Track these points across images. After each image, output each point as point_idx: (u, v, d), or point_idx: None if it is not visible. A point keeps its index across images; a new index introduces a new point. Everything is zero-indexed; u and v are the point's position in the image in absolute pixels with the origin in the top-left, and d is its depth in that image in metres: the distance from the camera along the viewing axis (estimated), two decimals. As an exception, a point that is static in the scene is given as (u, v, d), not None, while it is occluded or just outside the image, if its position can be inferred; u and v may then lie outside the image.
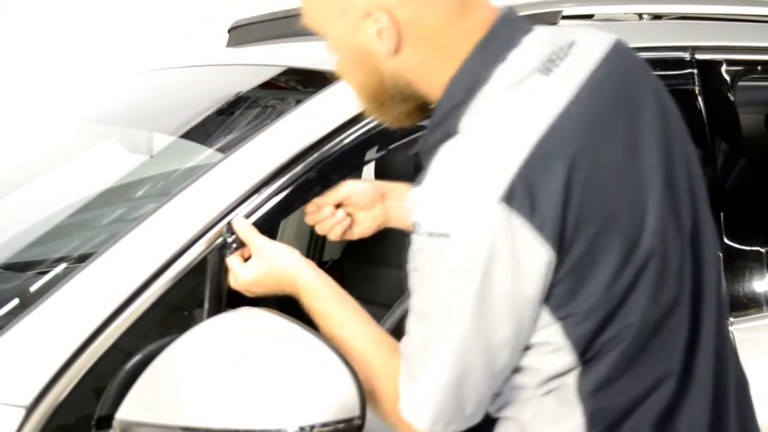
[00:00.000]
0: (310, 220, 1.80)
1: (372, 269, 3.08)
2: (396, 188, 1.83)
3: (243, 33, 2.73)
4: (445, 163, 1.28)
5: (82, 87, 3.90)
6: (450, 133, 1.33)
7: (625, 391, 1.33)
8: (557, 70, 1.32)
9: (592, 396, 1.32)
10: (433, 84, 1.37)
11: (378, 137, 1.81)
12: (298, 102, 1.85)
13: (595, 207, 1.26)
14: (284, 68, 2.16)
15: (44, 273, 1.91)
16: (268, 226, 1.69)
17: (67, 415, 1.48)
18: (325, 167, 1.75)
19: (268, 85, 2.15)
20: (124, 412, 1.46)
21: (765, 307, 2.08)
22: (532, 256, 1.23)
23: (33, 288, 1.87)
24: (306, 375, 1.41)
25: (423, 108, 1.44)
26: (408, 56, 1.36)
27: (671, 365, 1.36)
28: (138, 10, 4.67)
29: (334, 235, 1.81)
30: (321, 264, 3.37)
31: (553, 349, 1.31)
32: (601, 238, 1.26)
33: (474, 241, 1.23)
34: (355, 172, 3.14)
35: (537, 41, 1.36)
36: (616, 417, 1.34)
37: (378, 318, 2.63)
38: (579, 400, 1.32)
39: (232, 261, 1.61)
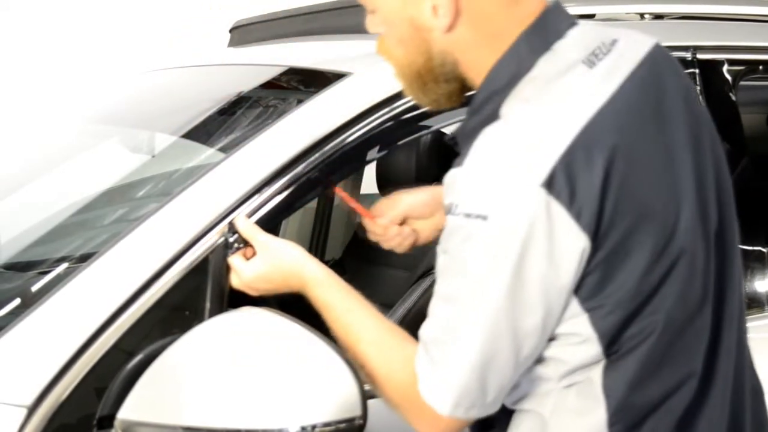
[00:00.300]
0: (375, 238, 1.82)
1: (373, 269, 3.08)
2: None
3: (244, 33, 2.73)
4: (486, 146, 1.29)
5: (83, 87, 3.91)
6: (490, 118, 1.33)
7: (648, 390, 1.33)
8: (600, 64, 1.34)
9: (617, 392, 1.32)
10: (478, 67, 1.38)
11: (379, 137, 1.81)
12: (300, 102, 1.85)
13: (630, 200, 1.27)
14: (286, 68, 2.16)
15: (46, 273, 1.91)
16: (270, 225, 1.69)
17: (69, 415, 1.48)
18: (326, 167, 1.75)
19: (269, 85, 2.15)
20: (126, 412, 1.46)
21: (767, 307, 2.08)
22: (569, 244, 1.24)
23: (34, 288, 1.87)
24: (307, 375, 1.41)
25: (463, 91, 1.44)
26: (460, 35, 1.36)
27: (694, 367, 1.36)
28: (138, 9, 4.67)
29: (402, 249, 1.83)
30: (323, 263, 3.37)
31: (579, 340, 1.31)
32: (634, 231, 1.27)
33: (512, 224, 1.23)
34: (356, 172, 3.15)
35: (582, 35, 1.37)
36: (638, 415, 1.34)
37: (379, 318, 2.64)
38: (603, 396, 1.32)
39: (235, 260, 1.61)
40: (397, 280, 2.90)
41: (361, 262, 3.13)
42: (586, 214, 1.23)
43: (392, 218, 1.81)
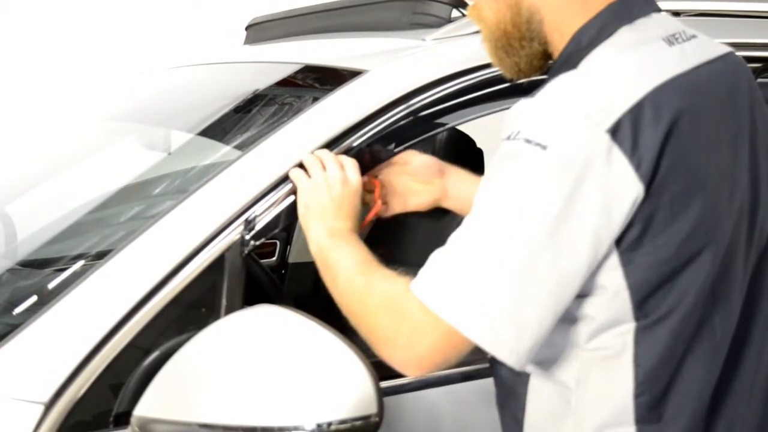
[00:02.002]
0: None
1: (387, 266, 3.08)
2: (457, 170, 1.84)
3: (260, 30, 2.73)
4: (560, 85, 1.32)
5: (95, 85, 3.91)
6: (567, 70, 1.36)
7: (677, 365, 1.34)
8: (679, 46, 1.39)
9: (647, 362, 1.33)
10: (562, 28, 1.42)
11: (395, 134, 1.81)
12: (316, 99, 1.85)
13: (686, 166, 1.30)
14: (302, 65, 2.16)
15: (62, 270, 1.91)
16: (286, 223, 1.69)
17: (86, 412, 1.48)
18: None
19: (285, 83, 2.15)
20: (142, 409, 1.47)
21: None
22: (625, 187, 1.26)
23: (51, 285, 1.87)
24: (323, 372, 1.41)
25: (543, 57, 1.48)
26: None
27: (718, 357, 1.37)
28: (138, 9, 4.68)
29: (391, 210, 1.83)
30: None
31: (610, 294, 1.31)
32: (684, 196, 1.30)
33: (570, 159, 1.25)
34: (372, 170, 3.14)
35: (664, 19, 1.44)
36: (663, 390, 1.34)
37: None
38: (633, 365, 1.33)
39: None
40: (411, 277, 2.90)
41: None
42: (645, 164, 1.27)
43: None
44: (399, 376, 1.76)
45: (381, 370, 1.43)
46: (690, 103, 1.33)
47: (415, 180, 1.82)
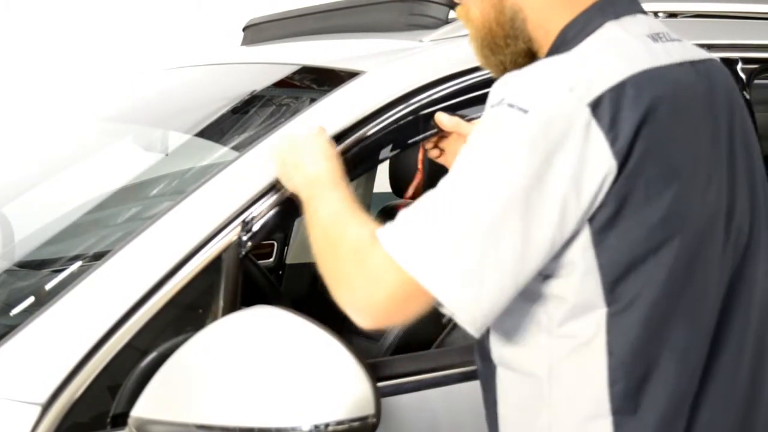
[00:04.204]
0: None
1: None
2: None
3: (257, 31, 2.73)
4: (546, 61, 1.37)
5: (93, 85, 3.92)
6: None
7: (652, 355, 1.34)
8: (664, 44, 1.42)
9: (620, 349, 1.33)
10: (546, 29, 1.45)
11: (392, 135, 1.81)
12: (313, 100, 1.85)
13: (662, 152, 1.32)
14: (299, 67, 2.16)
15: (59, 271, 1.91)
16: (282, 224, 1.69)
17: (83, 413, 1.48)
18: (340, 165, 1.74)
19: (282, 84, 2.16)
20: (140, 410, 1.47)
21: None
22: (598, 162, 1.28)
23: (48, 286, 1.88)
24: (320, 373, 1.41)
25: (527, 56, 1.49)
26: None
27: (696, 350, 1.38)
28: (138, 10, 4.68)
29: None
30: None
31: (581, 274, 1.32)
32: (658, 183, 1.32)
33: (549, 125, 1.27)
34: (370, 171, 3.15)
35: (649, 20, 1.48)
36: (639, 380, 1.34)
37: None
38: (606, 352, 1.33)
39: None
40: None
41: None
42: (620, 141, 1.28)
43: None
44: (398, 376, 1.77)
45: (378, 371, 1.43)
46: (671, 93, 1.35)
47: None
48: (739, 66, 2.17)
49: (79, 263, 1.94)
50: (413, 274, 1.27)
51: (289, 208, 1.68)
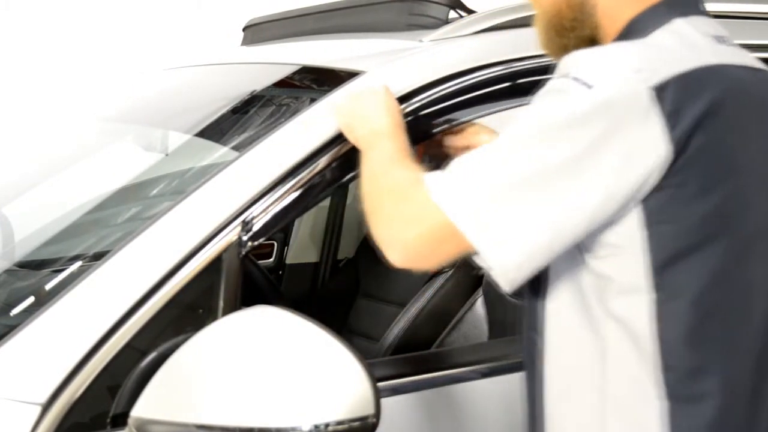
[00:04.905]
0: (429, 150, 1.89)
1: (386, 268, 3.07)
2: None
3: (257, 31, 2.73)
4: (615, 44, 1.41)
5: (93, 85, 3.92)
6: None
7: (701, 346, 1.36)
8: (727, 46, 1.44)
9: (671, 338, 1.35)
10: (614, 18, 1.48)
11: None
12: (313, 100, 1.85)
13: (721, 147, 1.34)
14: (299, 67, 2.16)
15: (59, 271, 1.91)
16: (283, 224, 1.69)
17: (83, 413, 1.48)
18: (339, 165, 1.75)
19: (282, 84, 2.16)
20: (140, 410, 1.47)
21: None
22: (653, 143, 1.30)
23: (48, 286, 1.87)
24: (321, 373, 1.41)
25: (591, 42, 1.52)
26: None
27: (754, 344, 1.40)
28: (138, 10, 4.68)
29: None
30: (336, 262, 3.37)
31: (630, 255, 1.35)
32: (716, 176, 1.34)
33: (612, 102, 1.30)
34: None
35: (713, 21, 1.50)
36: (692, 370, 1.36)
37: (392, 317, 2.65)
38: (658, 339, 1.35)
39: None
40: (409, 279, 2.90)
41: (375, 261, 3.12)
42: (679, 129, 1.31)
43: (456, 143, 1.87)
44: (398, 376, 1.77)
45: (378, 371, 1.43)
46: (736, 92, 1.38)
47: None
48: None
49: (79, 263, 1.94)
50: (451, 217, 1.33)
51: (290, 208, 1.69)
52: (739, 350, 1.38)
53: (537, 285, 1.47)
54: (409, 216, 1.38)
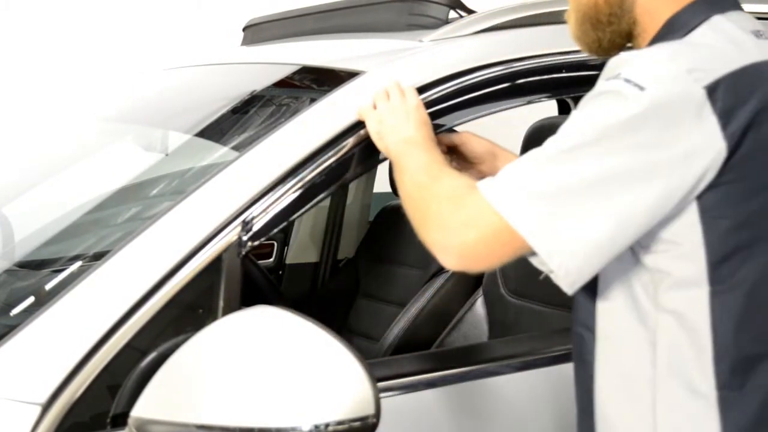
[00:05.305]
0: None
1: (386, 268, 3.08)
2: (509, 154, 1.88)
3: (257, 31, 2.73)
4: (664, 44, 1.40)
5: (93, 85, 3.92)
6: None
7: (757, 336, 1.38)
8: (764, 40, 1.44)
9: (724, 327, 1.36)
10: (653, 15, 1.50)
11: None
12: (313, 100, 1.85)
13: None
14: (299, 67, 2.16)
15: (59, 271, 1.91)
16: (283, 224, 1.69)
17: (83, 413, 1.48)
18: (339, 165, 1.75)
19: (282, 84, 2.16)
20: (140, 410, 1.47)
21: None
22: (708, 141, 1.31)
23: (48, 286, 1.87)
24: (321, 373, 1.41)
25: (626, 37, 1.54)
26: None
27: None
28: (138, 10, 4.68)
29: None
30: (336, 262, 3.37)
31: (687, 250, 1.36)
32: (766, 172, 1.35)
33: (665, 103, 1.32)
34: (370, 171, 3.15)
35: (750, 16, 1.51)
36: (744, 361, 1.38)
37: (392, 317, 2.65)
38: (711, 329, 1.37)
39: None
40: (409, 279, 2.90)
41: (374, 261, 3.14)
42: (732, 126, 1.32)
43: (443, 139, 1.88)
44: (398, 376, 1.77)
45: (378, 371, 1.43)
46: None
47: (467, 159, 1.88)
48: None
49: (79, 263, 1.94)
50: (509, 220, 1.34)
51: (290, 208, 1.69)
52: None
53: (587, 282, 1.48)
54: (466, 221, 1.39)
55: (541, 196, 1.34)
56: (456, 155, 1.89)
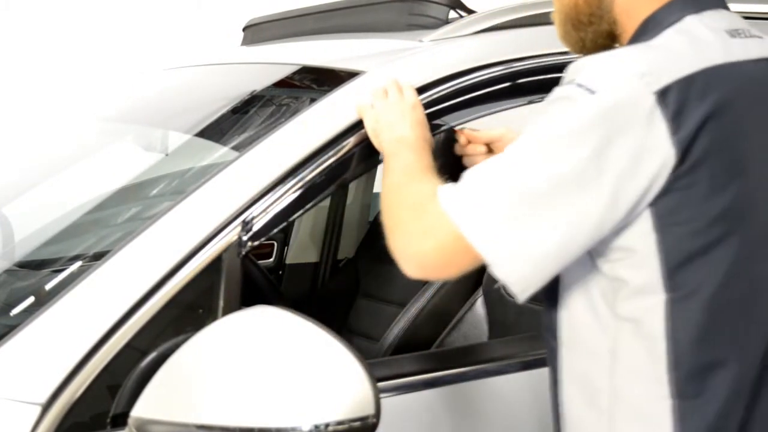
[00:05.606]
0: (457, 150, 1.93)
1: (386, 268, 3.07)
2: None
3: (257, 31, 2.73)
4: (620, 49, 1.41)
5: (93, 85, 3.92)
6: None
7: (712, 347, 1.37)
8: (742, 40, 1.44)
9: (681, 337, 1.36)
10: (631, 15, 1.50)
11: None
12: (313, 100, 1.85)
13: (729, 147, 1.35)
14: (299, 67, 2.16)
15: (60, 271, 1.91)
16: (283, 224, 1.69)
17: (83, 413, 1.48)
18: (339, 165, 1.75)
19: (282, 84, 2.16)
20: (140, 410, 1.47)
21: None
22: (657, 147, 1.31)
23: (48, 286, 1.87)
24: (321, 373, 1.41)
25: (609, 37, 1.54)
26: None
27: (755, 342, 1.40)
28: (138, 9, 4.68)
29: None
30: (336, 262, 3.37)
31: (643, 257, 1.36)
32: (723, 177, 1.34)
33: (614, 108, 1.31)
34: (370, 171, 3.15)
35: (730, 15, 1.50)
36: (700, 369, 1.37)
37: (392, 317, 2.65)
38: (666, 338, 1.36)
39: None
40: (409, 279, 2.90)
41: (374, 261, 3.13)
42: (683, 132, 1.31)
43: (481, 135, 1.90)
44: (398, 376, 1.77)
45: (378, 371, 1.43)
46: (742, 90, 1.38)
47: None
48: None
49: (79, 263, 1.94)
50: (463, 231, 1.34)
51: (290, 208, 1.69)
52: (747, 347, 1.39)
53: (551, 289, 1.48)
54: (425, 230, 1.39)
55: (491, 206, 1.34)
56: (492, 153, 1.90)
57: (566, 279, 1.46)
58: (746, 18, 2.18)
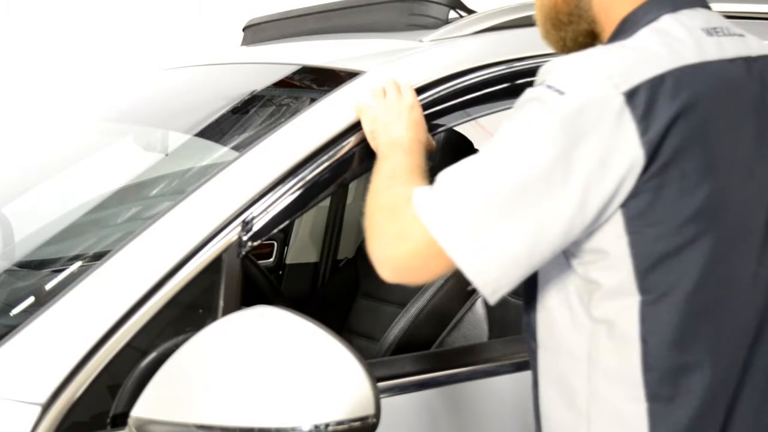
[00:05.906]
0: None
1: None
2: None
3: (257, 32, 2.73)
4: (591, 50, 1.39)
5: (93, 85, 3.92)
6: None
7: (687, 348, 1.36)
8: (719, 38, 1.43)
9: (655, 337, 1.35)
10: (609, 14, 1.50)
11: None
12: (313, 100, 1.85)
13: (699, 147, 1.34)
14: (299, 67, 2.16)
15: (59, 271, 1.91)
16: (283, 224, 1.69)
17: (83, 413, 1.48)
18: (339, 165, 1.75)
19: (282, 84, 2.16)
20: (140, 410, 1.47)
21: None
22: (626, 150, 1.30)
23: (48, 286, 1.87)
24: (321, 373, 1.41)
25: (590, 36, 1.55)
26: None
27: (734, 346, 1.40)
28: (138, 9, 4.68)
29: None
30: (336, 262, 3.37)
31: (615, 260, 1.35)
32: (694, 177, 1.33)
33: (582, 109, 1.31)
34: (370, 171, 3.15)
35: (709, 14, 1.49)
36: (674, 371, 1.37)
37: (392, 317, 2.65)
38: (640, 339, 1.36)
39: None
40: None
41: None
42: (651, 133, 1.30)
43: None
44: (398, 376, 1.77)
45: (378, 371, 1.43)
46: (713, 90, 1.37)
47: None
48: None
49: (79, 263, 1.94)
50: (435, 236, 1.33)
51: (290, 208, 1.69)
52: (722, 349, 1.39)
53: (529, 291, 1.49)
54: (399, 234, 1.38)
55: (460, 210, 1.33)
56: None
57: (543, 280, 1.46)
58: (745, 18, 2.19)
